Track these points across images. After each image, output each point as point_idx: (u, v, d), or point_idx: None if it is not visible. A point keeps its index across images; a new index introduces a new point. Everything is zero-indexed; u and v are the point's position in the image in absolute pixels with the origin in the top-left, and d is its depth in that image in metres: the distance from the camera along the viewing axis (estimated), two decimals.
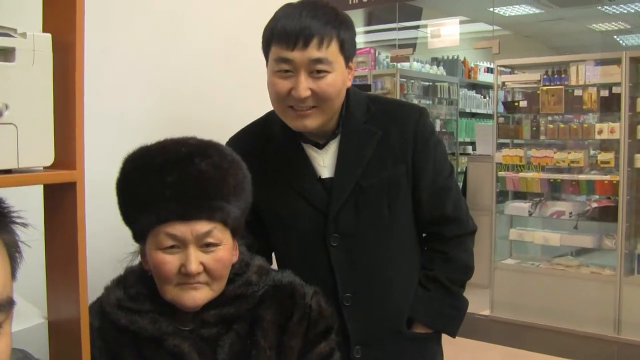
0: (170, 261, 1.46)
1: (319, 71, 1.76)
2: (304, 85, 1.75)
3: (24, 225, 1.04)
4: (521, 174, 6.10)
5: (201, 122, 2.11)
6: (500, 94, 6.46)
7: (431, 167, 1.95)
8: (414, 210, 1.98)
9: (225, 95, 2.48)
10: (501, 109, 6.39)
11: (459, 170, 8.44)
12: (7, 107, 1.02)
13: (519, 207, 6.21)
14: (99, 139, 1.68)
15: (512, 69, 6.55)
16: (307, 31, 1.73)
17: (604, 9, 10.35)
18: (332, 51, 1.76)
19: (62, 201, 1.15)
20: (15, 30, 1.05)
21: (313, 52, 1.74)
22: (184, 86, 2.35)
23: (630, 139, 5.49)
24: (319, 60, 1.75)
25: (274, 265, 1.95)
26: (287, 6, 1.82)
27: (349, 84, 1.88)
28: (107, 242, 1.78)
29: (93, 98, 1.32)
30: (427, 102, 8.78)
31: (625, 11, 10.56)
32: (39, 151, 1.09)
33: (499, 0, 9.40)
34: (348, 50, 1.82)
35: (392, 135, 1.91)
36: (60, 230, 1.16)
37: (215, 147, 1.56)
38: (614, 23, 11.48)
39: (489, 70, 10.16)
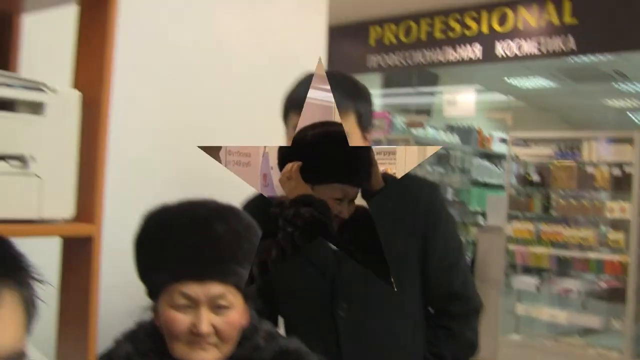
0: (182, 320, 1.46)
1: None
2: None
3: (41, 282, 1.05)
4: (531, 248, 6.06)
5: (220, 177, 2.11)
6: (513, 166, 6.47)
7: (441, 243, 1.95)
8: (422, 284, 1.97)
9: None
10: (513, 180, 6.39)
11: (469, 240, 8.39)
12: (33, 159, 1.05)
13: (527, 281, 6.15)
14: (119, 192, 1.69)
15: (526, 141, 6.57)
16: None
17: (618, 85, 10.43)
18: (349, 124, 1.78)
19: (78, 254, 1.15)
20: (45, 85, 1.07)
21: None
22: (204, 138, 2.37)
23: None
24: None
25: (281, 330, 1.94)
26: (309, 77, 1.85)
27: None
28: (121, 296, 1.78)
29: (116, 151, 1.34)
30: (440, 169, 8.78)
31: (639, 89, 10.64)
32: (60, 203, 1.10)
33: (515, 72, 9.47)
34: (365, 122, 1.86)
35: (403, 208, 1.92)
36: (75, 282, 1.17)
37: (233, 211, 1.58)
38: (627, 100, 11.55)
39: (503, 140, 10.19)
